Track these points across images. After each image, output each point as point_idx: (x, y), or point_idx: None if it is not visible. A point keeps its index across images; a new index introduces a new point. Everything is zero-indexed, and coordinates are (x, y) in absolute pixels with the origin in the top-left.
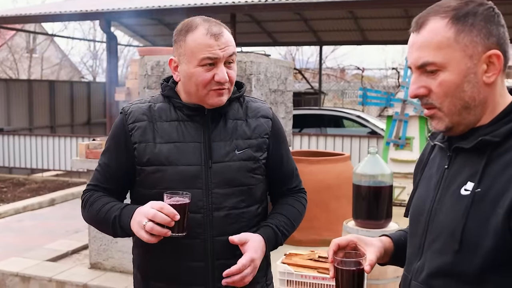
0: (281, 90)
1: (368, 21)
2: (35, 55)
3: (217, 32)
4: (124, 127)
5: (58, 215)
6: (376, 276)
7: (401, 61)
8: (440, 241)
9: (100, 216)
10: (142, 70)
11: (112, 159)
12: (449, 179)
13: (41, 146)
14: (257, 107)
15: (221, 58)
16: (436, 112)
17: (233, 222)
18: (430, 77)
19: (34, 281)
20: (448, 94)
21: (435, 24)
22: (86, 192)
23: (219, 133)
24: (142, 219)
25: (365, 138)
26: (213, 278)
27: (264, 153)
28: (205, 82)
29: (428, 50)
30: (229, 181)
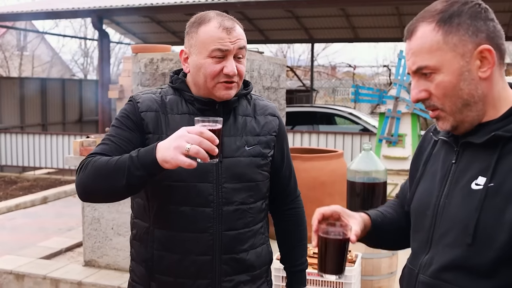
0: (274, 87)
1: (360, 19)
2: (26, 53)
3: (229, 26)
4: (136, 113)
5: (50, 213)
6: (370, 272)
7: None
8: (451, 235)
9: (110, 166)
10: (135, 68)
11: (124, 133)
12: (458, 174)
13: (32, 144)
14: (265, 105)
15: (231, 50)
16: (440, 112)
17: (241, 217)
18: (428, 80)
19: (28, 279)
20: (446, 94)
21: (424, 29)
22: (86, 159)
23: (230, 128)
24: (182, 143)
25: (358, 135)
26: (220, 271)
27: (271, 150)
28: (213, 74)
29: (420, 55)
30: (239, 176)
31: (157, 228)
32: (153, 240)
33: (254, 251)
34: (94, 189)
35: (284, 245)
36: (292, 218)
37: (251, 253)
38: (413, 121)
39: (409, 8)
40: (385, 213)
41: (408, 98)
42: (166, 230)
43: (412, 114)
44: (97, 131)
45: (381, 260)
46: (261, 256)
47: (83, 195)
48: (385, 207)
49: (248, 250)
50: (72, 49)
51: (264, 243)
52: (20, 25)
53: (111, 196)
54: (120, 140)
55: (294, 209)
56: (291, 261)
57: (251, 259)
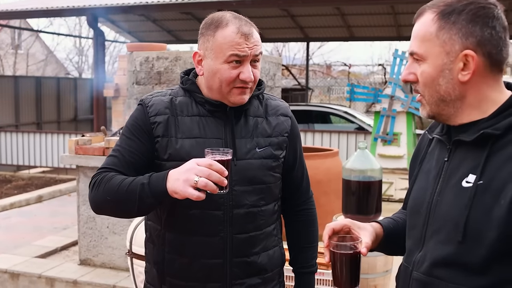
0: (270, 86)
1: (355, 18)
2: (20, 52)
3: (247, 32)
4: (146, 119)
5: (46, 212)
6: (366, 270)
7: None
8: (443, 232)
9: (122, 190)
10: (130, 66)
11: (133, 144)
12: (450, 172)
13: (27, 142)
14: (277, 105)
15: (249, 56)
16: (421, 98)
17: (252, 220)
18: (418, 65)
19: (24, 278)
20: (426, 84)
21: (426, 17)
22: (98, 174)
23: (240, 130)
24: (191, 176)
25: (353, 134)
26: (231, 275)
27: (283, 152)
28: (230, 79)
29: (415, 40)
30: (250, 179)
31: (168, 231)
32: (164, 243)
33: (266, 254)
34: (106, 209)
35: (294, 246)
36: (303, 219)
37: (263, 256)
38: (408, 120)
39: (404, 7)
40: (397, 220)
41: (403, 97)
42: (177, 233)
43: (407, 113)
44: (92, 130)
45: (377, 258)
46: (273, 258)
47: (96, 211)
48: (398, 214)
49: (259, 253)
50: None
51: (277, 245)
52: (15, 23)
53: (124, 216)
54: (129, 152)
55: (306, 210)
56: (300, 263)
57: (262, 261)
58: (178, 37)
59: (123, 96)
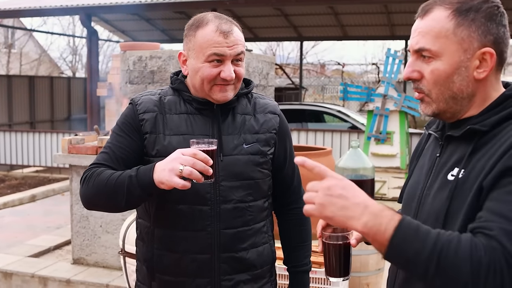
0: (263, 85)
1: (348, 17)
2: (13, 51)
3: (226, 30)
4: (135, 116)
5: (39, 211)
6: (358, 269)
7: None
8: (427, 224)
9: (110, 183)
10: (124, 65)
11: (123, 141)
12: (440, 166)
13: (21, 142)
14: (265, 103)
15: (228, 56)
16: (425, 97)
17: (240, 216)
18: (424, 63)
19: (16, 277)
20: (437, 82)
21: (438, 13)
22: (89, 170)
23: (228, 127)
24: (176, 165)
25: (346, 133)
26: (219, 270)
27: (271, 148)
28: (210, 77)
29: (426, 37)
30: (237, 174)
31: (157, 227)
32: (154, 239)
33: (255, 250)
34: (96, 203)
35: (287, 245)
36: (295, 218)
37: (252, 252)
38: (401, 119)
39: (398, 6)
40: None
41: (396, 96)
42: (165, 229)
43: (400, 112)
44: (86, 129)
45: (369, 256)
46: (263, 255)
47: (87, 207)
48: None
49: (248, 249)
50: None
51: (267, 242)
52: (8, 22)
53: (113, 210)
54: (119, 148)
55: (298, 208)
56: (293, 262)
57: (251, 258)
58: (171, 36)
59: (116, 96)
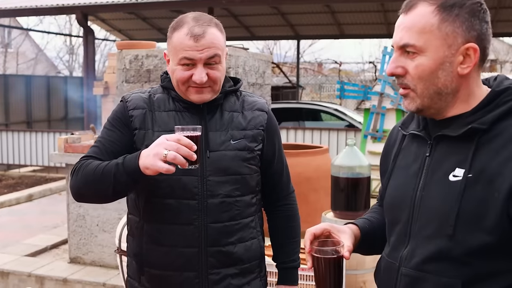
0: (259, 83)
1: (345, 15)
2: (10, 50)
3: (197, 34)
4: (125, 112)
5: (36, 211)
6: (354, 267)
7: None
8: (431, 226)
9: (98, 172)
10: (120, 64)
11: (114, 135)
12: (433, 167)
13: (17, 141)
14: (254, 101)
15: (198, 59)
16: (409, 92)
17: (227, 210)
18: (408, 58)
19: (13, 276)
20: (422, 77)
21: (423, 9)
22: (78, 162)
23: (215, 123)
24: (160, 150)
25: (343, 131)
26: (206, 264)
27: (259, 145)
28: (183, 80)
29: (411, 32)
30: (224, 169)
31: (146, 221)
32: (143, 233)
33: (243, 245)
34: (86, 193)
35: (276, 242)
36: (284, 214)
37: (239, 246)
38: (398, 117)
39: (394, 5)
40: (372, 219)
41: (393, 94)
42: (153, 223)
43: (396, 110)
44: (82, 128)
45: None
46: (251, 250)
47: (77, 198)
48: (371, 213)
49: (235, 243)
50: (57, 46)
51: (255, 238)
52: (4, 22)
53: (102, 199)
54: (110, 142)
55: (287, 205)
56: (282, 258)
57: (238, 252)
58: None
59: (113, 94)
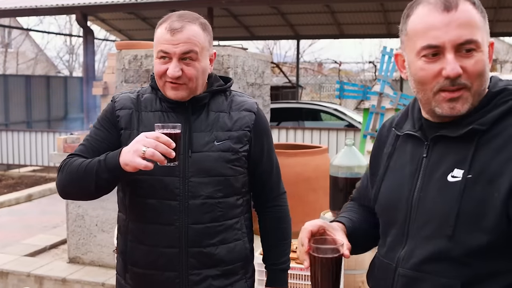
0: (258, 83)
1: (345, 15)
2: (10, 50)
3: (175, 28)
4: (113, 112)
5: (35, 211)
6: (353, 267)
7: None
8: (430, 227)
9: (81, 169)
10: (119, 64)
11: (101, 134)
12: (431, 168)
13: (17, 141)
14: (242, 101)
15: (173, 53)
16: (464, 92)
17: (209, 211)
18: (464, 57)
19: (12, 276)
20: (481, 74)
21: (467, 6)
22: (64, 160)
23: (200, 124)
24: (139, 147)
25: (342, 131)
26: (186, 264)
27: (244, 146)
28: (159, 73)
29: (470, 29)
30: (207, 170)
31: (131, 220)
32: (128, 231)
33: (226, 246)
34: (70, 190)
35: (266, 243)
36: (273, 216)
37: (221, 248)
38: None
39: (394, 5)
40: (353, 219)
41: (392, 94)
42: (137, 222)
43: (396, 110)
44: (82, 128)
45: (365, 254)
46: (234, 252)
47: (62, 195)
48: (349, 212)
49: (217, 244)
50: (57, 45)
51: (240, 239)
52: (4, 22)
53: (86, 196)
54: (97, 141)
55: (277, 206)
56: (271, 260)
57: (220, 253)
58: None
59: (112, 95)
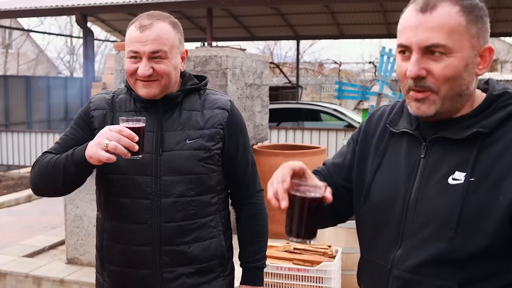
0: (257, 84)
1: (345, 16)
2: (11, 51)
3: (144, 24)
4: (88, 112)
5: (35, 211)
6: (350, 267)
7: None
8: (429, 229)
9: (50, 165)
10: (118, 65)
11: (76, 133)
12: (429, 169)
13: (17, 142)
14: (216, 99)
15: (142, 52)
16: (430, 95)
17: (181, 210)
18: (432, 60)
19: (11, 277)
20: (449, 78)
21: (448, 9)
22: (38, 157)
23: (172, 123)
24: (102, 140)
25: (342, 131)
26: (160, 262)
27: (217, 144)
28: (129, 72)
29: (440, 32)
30: (179, 169)
31: (106, 219)
32: (104, 230)
33: (200, 244)
34: (41, 186)
35: (241, 240)
36: (248, 214)
37: (195, 246)
38: None
39: (393, 5)
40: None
41: (390, 94)
42: (112, 221)
43: None
44: None
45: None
46: (209, 249)
47: (35, 191)
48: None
49: (190, 242)
50: (58, 46)
51: (215, 237)
52: (5, 23)
53: (56, 191)
54: (71, 140)
55: (252, 204)
56: (246, 257)
57: (194, 252)
58: None
59: None
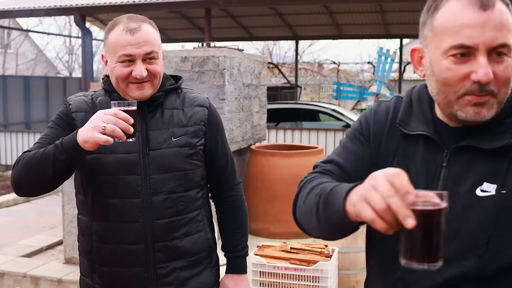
0: (254, 84)
1: (343, 16)
2: (9, 51)
3: (133, 28)
4: (68, 114)
5: (33, 212)
6: (347, 267)
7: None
8: (454, 245)
9: (37, 157)
10: None
11: (57, 132)
12: (454, 179)
13: (16, 142)
14: (194, 97)
15: (137, 55)
16: (490, 99)
17: (171, 206)
18: (495, 61)
19: (8, 277)
20: (508, 81)
21: (502, 7)
22: (19, 156)
23: (156, 122)
24: (99, 123)
25: (340, 131)
26: (154, 259)
27: (201, 140)
28: (122, 76)
29: (504, 31)
30: (166, 166)
31: (94, 221)
32: (92, 232)
33: (190, 238)
34: (26, 181)
35: (223, 232)
36: (228, 206)
37: (186, 240)
38: None
39: (392, 5)
40: None
41: (388, 94)
42: (101, 222)
43: None
44: None
45: (358, 254)
46: (198, 242)
47: (18, 190)
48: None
49: (182, 237)
50: (56, 46)
51: (202, 230)
52: (4, 23)
53: (42, 185)
54: (53, 139)
55: (232, 196)
56: (229, 248)
57: (186, 246)
58: (167, 35)
59: None
